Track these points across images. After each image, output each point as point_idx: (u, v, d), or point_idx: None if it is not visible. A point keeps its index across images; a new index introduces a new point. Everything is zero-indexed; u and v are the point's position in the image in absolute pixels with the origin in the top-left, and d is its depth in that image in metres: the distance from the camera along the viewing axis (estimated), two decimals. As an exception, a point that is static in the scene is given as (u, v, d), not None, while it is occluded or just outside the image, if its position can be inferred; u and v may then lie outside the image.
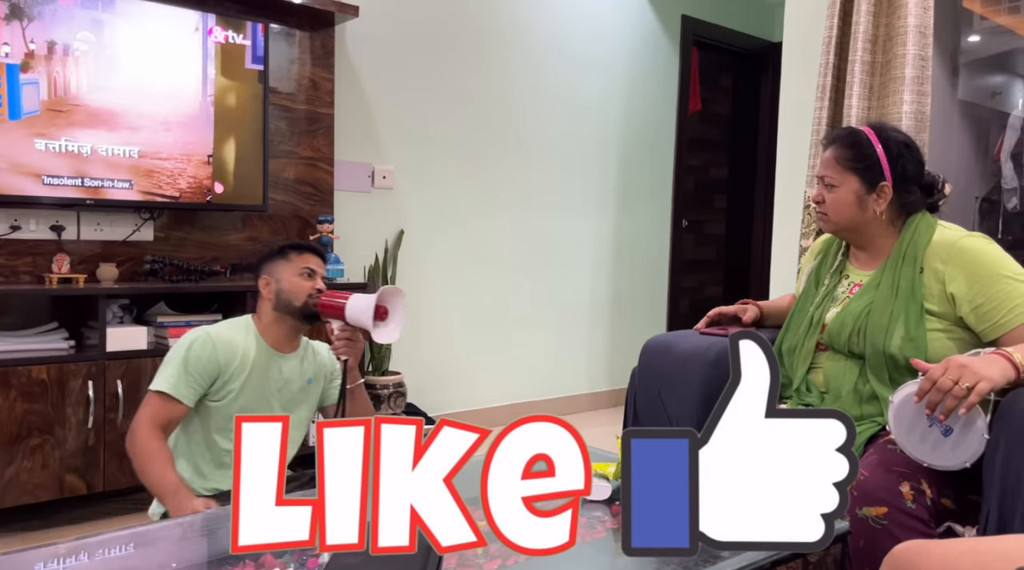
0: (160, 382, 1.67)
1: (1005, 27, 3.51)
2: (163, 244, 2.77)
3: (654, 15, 4.34)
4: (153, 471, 1.61)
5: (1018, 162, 3.23)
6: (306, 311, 1.76)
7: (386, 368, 3.23)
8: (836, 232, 1.72)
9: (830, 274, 1.75)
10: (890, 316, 1.55)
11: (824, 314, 1.69)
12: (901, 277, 1.57)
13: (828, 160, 1.66)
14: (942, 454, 1.37)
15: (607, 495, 1.38)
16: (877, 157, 1.61)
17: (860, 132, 1.66)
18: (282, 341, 1.80)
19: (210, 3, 2.80)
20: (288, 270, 1.78)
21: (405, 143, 3.42)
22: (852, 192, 1.63)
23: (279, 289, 1.77)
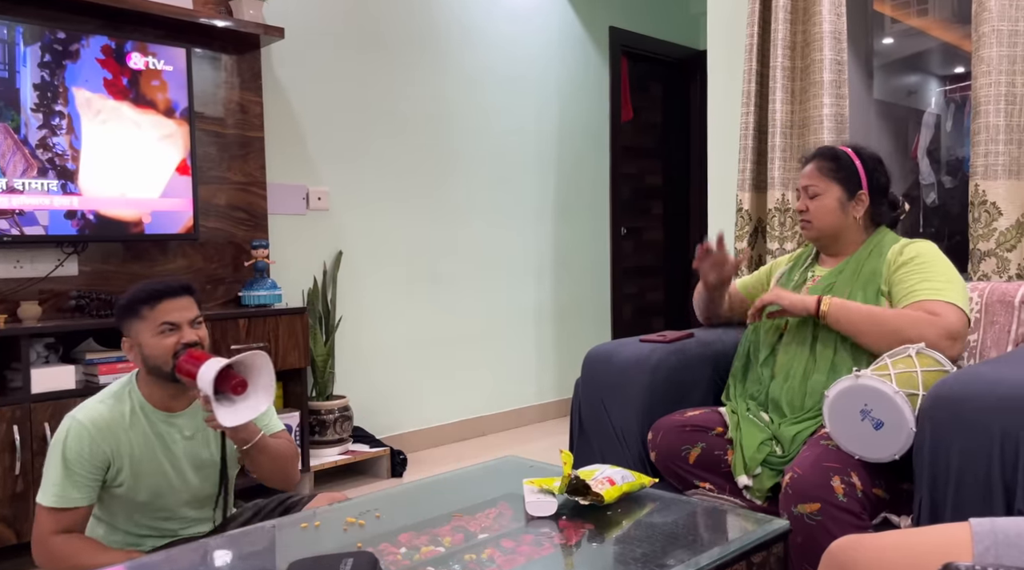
0: (45, 496, 1.49)
1: (917, 28, 3.67)
2: (90, 278, 2.67)
3: (582, 27, 4.40)
4: (92, 560, 1.43)
5: (934, 158, 3.37)
6: (178, 377, 1.54)
7: (330, 392, 3.17)
8: (817, 238, 1.87)
9: (800, 271, 1.92)
10: (848, 294, 1.73)
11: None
12: (865, 266, 1.76)
13: (812, 171, 1.85)
14: (873, 447, 1.41)
15: (553, 511, 1.38)
16: (856, 168, 1.83)
17: (838, 148, 1.88)
18: (169, 402, 1.60)
19: (128, 28, 2.73)
20: (145, 331, 1.53)
21: (339, 163, 3.38)
22: (835, 199, 1.81)
23: (143, 355, 1.54)
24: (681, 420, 1.77)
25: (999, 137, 2.22)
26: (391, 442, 3.46)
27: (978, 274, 2.26)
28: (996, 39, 2.21)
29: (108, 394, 1.61)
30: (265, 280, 2.92)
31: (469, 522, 1.38)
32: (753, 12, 2.73)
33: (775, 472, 1.58)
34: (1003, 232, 2.22)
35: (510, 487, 1.54)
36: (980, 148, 2.24)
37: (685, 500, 1.50)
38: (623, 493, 1.43)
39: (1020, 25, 2.21)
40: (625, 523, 1.38)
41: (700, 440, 1.72)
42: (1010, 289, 1.89)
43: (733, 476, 1.64)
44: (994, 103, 2.22)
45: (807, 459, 1.45)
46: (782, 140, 2.70)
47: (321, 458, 3.03)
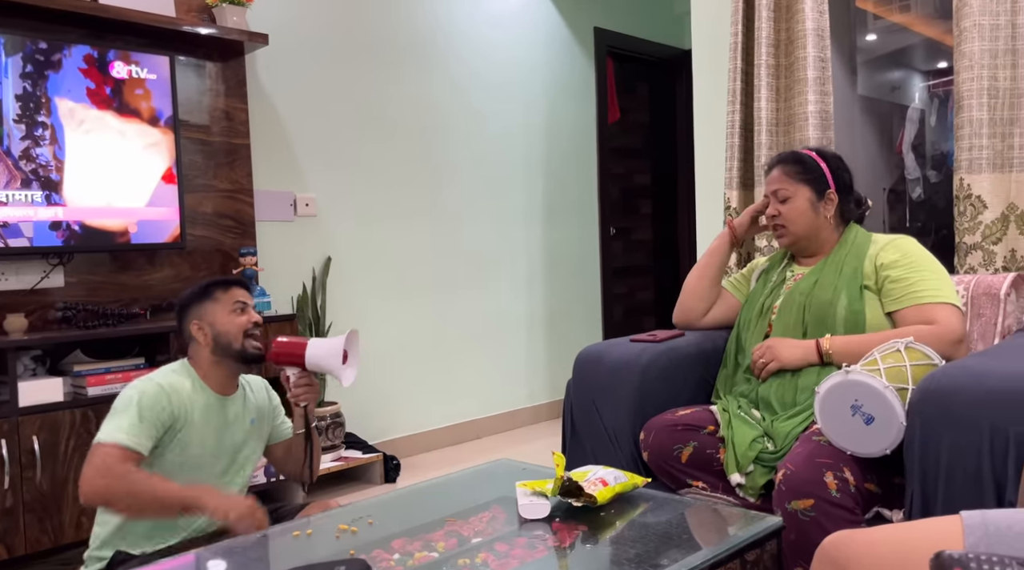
0: (114, 432, 1.53)
1: (899, 24, 3.69)
2: (76, 289, 2.65)
3: (567, 29, 4.40)
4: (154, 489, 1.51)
5: (919, 153, 3.39)
6: (246, 354, 1.70)
7: (322, 399, 3.16)
8: (793, 243, 1.89)
9: (778, 271, 1.93)
10: (833, 291, 1.74)
11: (773, 302, 1.87)
12: (845, 264, 1.77)
13: (778, 176, 1.87)
14: (865, 442, 1.42)
15: (546, 513, 1.38)
16: (821, 169, 1.85)
17: (800, 151, 1.90)
18: (224, 384, 1.73)
19: (110, 37, 2.71)
20: (219, 311, 1.71)
21: (326, 169, 3.37)
22: (806, 200, 1.83)
23: (215, 333, 1.69)
24: (673, 419, 1.77)
25: (982, 131, 2.23)
26: (384, 447, 3.44)
27: (964, 267, 2.27)
28: (978, 33, 2.23)
29: (168, 371, 1.70)
30: (254, 288, 2.90)
31: (462, 526, 1.38)
32: (737, 11, 2.74)
33: (767, 469, 1.58)
34: (988, 225, 2.23)
35: (503, 490, 1.54)
36: (964, 142, 2.26)
37: (678, 499, 1.50)
38: (616, 494, 1.43)
39: (1001, 19, 2.22)
40: (619, 524, 1.38)
41: (692, 439, 1.72)
42: (996, 281, 1.90)
43: (726, 474, 1.64)
44: (977, 97, 2.23)
45: (800, 455, 1.46)
46: (768, 137, 2.71)
47: (314, 465, 3.01)
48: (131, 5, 2.67)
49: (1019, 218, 2.20)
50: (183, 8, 2.88)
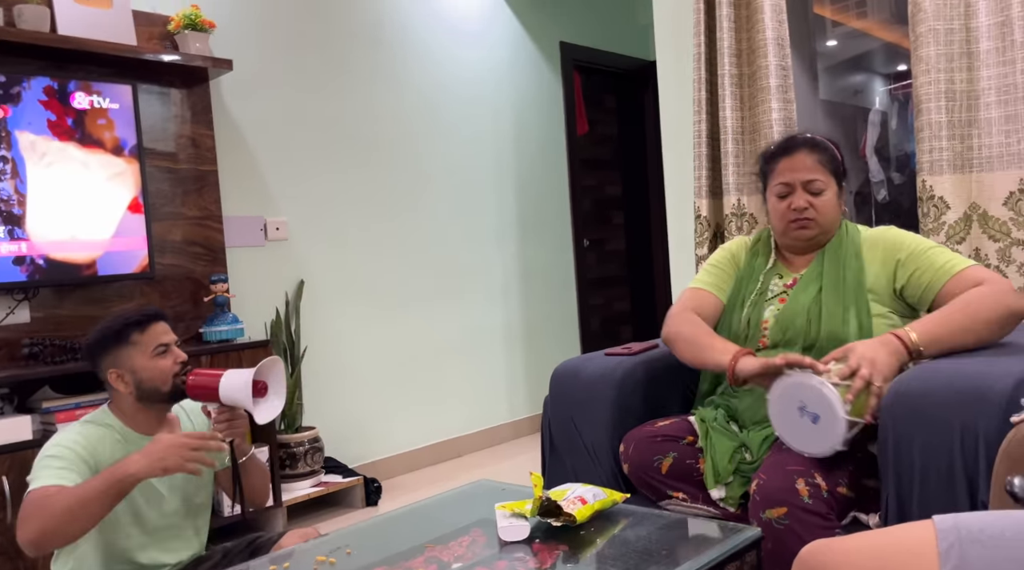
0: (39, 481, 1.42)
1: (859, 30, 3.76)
2: (43, 324, 2.60)
3: (533, 44, 4.43)
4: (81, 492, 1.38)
5: (882, 156, 3.44)
6: (176, 393, 1.58)
7: (299, 424, 3.13)
8: (817, 236, 1.71)
9: (763, 274, 1.78)
10: (843, 306, 1.62)
11: (762, 313, 1.72)
12: (847, 270, 1.65)
13: (813, 165, 1.68)
14: (815, 442, 1.43)
15: (525, 534, 1.37)
16: (840, 159, 1.72)
17: (820, 137, 1.73)
18: (154, 425, 1.62)
19: (72, 68, 2.68)
20: (138, 356, 1.55)
21: (296, 192, 3.35)
22: (835, 194, 1.70)
23: (138, 381, 1.55)
24: (652, 431, 1.76)
25: (942, 133, 2.27)
26: (365, 470, 3.41)
27: (931, 268, 2.30)
28: (933, 38, 2.27)
29: (83, 423, 1.58)
30: (226, 315, 2.87)
31: (442, 552, 1.36)
32: (699, 22, 2.77)
33: (746, 479, 1.59)
34: (952, 225, 2.26)
35: (483, 512, 1.52)
36: (924, 144, 2.29)
37: (657, 514, 1.50)
38: (595, 511, 1.42)
39: (955, 23, 2.27)
40: (599, 541, 1.37)
41: (671, 450, 1.72)
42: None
43: (705, 486, 1.64)
44: (935, 100, 2.27)
45: (771, 465, 1.46)
46: (734, 146, 2.74)
47: (293, 492, 2.98)
48: (91, 35, 2.64)
49: (981, 218, 2.24)
50: (144, 36, 2.86)
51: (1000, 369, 1.34)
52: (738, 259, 1.87)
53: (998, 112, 2.21)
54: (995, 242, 2.22)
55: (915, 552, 0.96)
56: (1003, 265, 2.20)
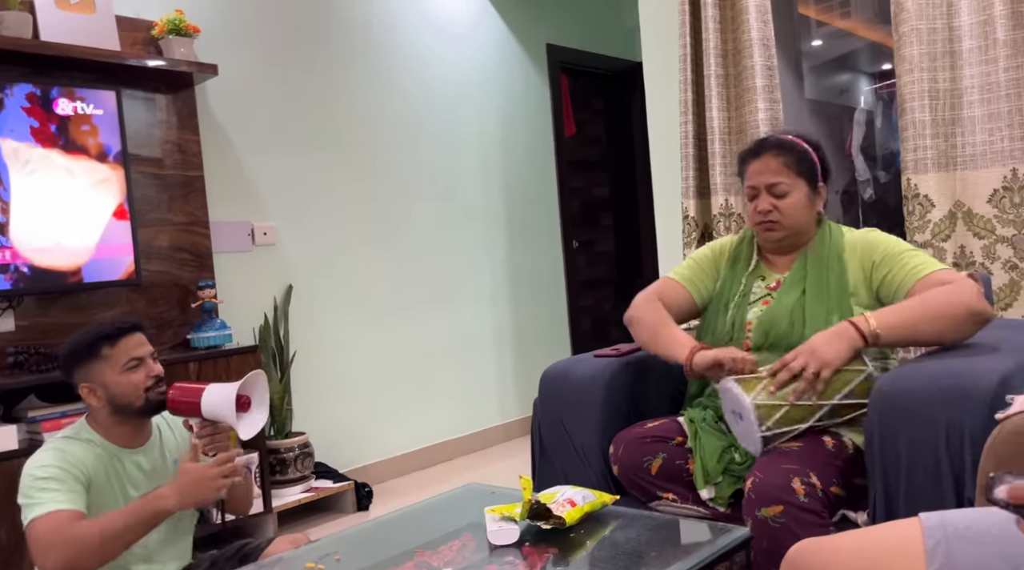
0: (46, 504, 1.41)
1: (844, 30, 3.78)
2: (28, 333, 2.58)
3: (519, 47, 4.43)
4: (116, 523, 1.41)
5: (868, 155, 3.46)
6: (150, 407, 1.56)
7: (289, 430, 3.11)
8: (784, 238, 1.72)
9: (746, 276, 1.78)
10: (827, 309, 1.63)
11: (745, 315, 1.73)
12: (830, 273, 1.66)
13: (778, 167, 1.69)
14: (747, 438, 1.54)
15: (515, 538, 1.36)
16: (813, 159, 1.71)
17: (789, 138, 1.74)
18: (131, 438, 1.60)
19: (56, 74, 2.66)
20: (109, 371, 1.52)
21: (284, 196, 3.34)
22: (804, 195, 1.70)
23: (110, 395, 1.53)
24: (641, 432, 1.76)
25: (926, 132, 2.28)
26: (355, 475, 3.40)
27: (917, 266, 2.31)
28: (916, 38, 2.28)
29: (64, 440, 1.56)
30: (214, 320, 2.86)
31: (432, 557, 1.36)
32: (684, 23, 2.78)
33: (735, 479, 1.59)
34: (937, 223, 2.28)
35: (472, 516, 1.52)
36: (909, 143, 2.31)
37: (647, 515, 1.50)
38: (585, 513, 1.42)
39: (938, 23, 2.29)
40: (589, 544, 1.37)
41: (661, 451, 1.72)
42: (949, 278, 1.93)
43: (695, 486, 1.64)
44: (919, 99, 2.29)
45: (766, 463, 1.46)
46: (721, 146, 2.75)
47: (283, 498, 2.97)
48: (74, 41, 2.62)
49: (966, 215, 2.25)
50: (128, 41, 2.84)
51: (985, 366, 1.35)
52: (720, 260, 1.88)
53: (981, 110, 2.22)
54: (980, 239, 2.23)
55: (902, 550, 0.97)
56: (988, 262, 2.22)
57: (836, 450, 1.50)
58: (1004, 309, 2.20)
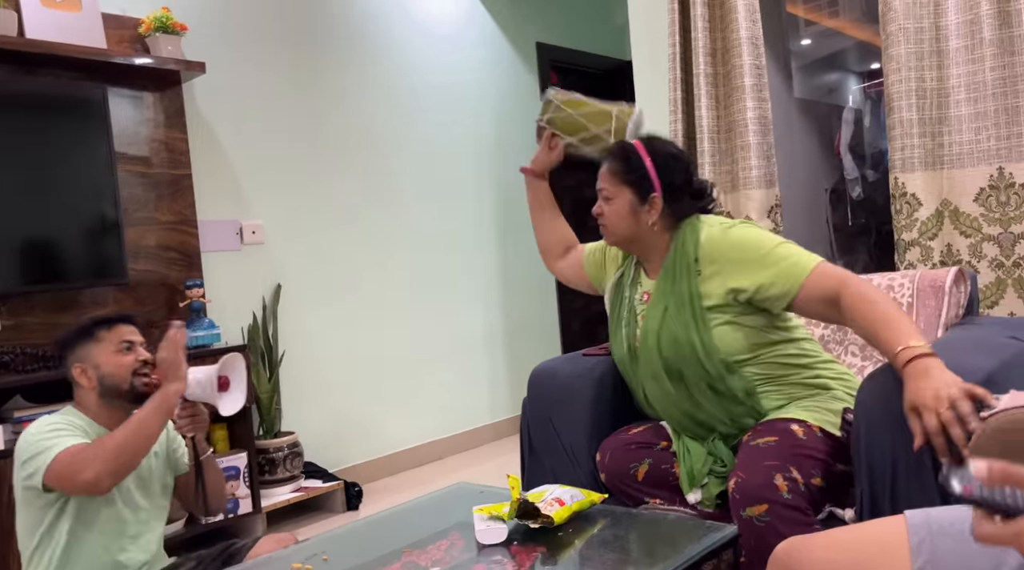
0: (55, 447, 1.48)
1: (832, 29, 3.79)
2: (13, 333, 2.56)
3: (509, 45, 4.42)
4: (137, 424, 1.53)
5: (857, 153, 3.47)
6: (136, 393, 1.62)
7: (278, 430, 3.10)
8: (616, 244, 1.78)
9: (628, 285, 1.79)
10: (685, 326, 1.60)
11: (633, 332, 1.73)
12: (681, 285, 1.62)
13: (604, 174, 1.75)
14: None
15: (503, 537, 1.36)
16: (646, 169, 1.68)
17: (631, 146, 1.73)
18: (116, 423, 1.63)
19: (41, 71, 2.64)
20: (103, 352, 1.61)
21: (272, 195, 3.32)
22: (627, 203, 1.69)
23: (100, 376, 1.61)
24: (627, 438, 1.77)
25: (913, 131, 2.29)
26: (345, 474, 3.39)
27: (904, 263, 2.32)
28: (903, 37, 2.29)
29: (50, 419, 1.60)
30: (202, 320, 2.84)
31: (420, 556, 1.35)
32: (673, 22, 2.78)
33: (721, 479, 1.59)
34: (924, 222, 2.29)
35: (461, 516, 1.52)
36: (896, 142, 2.32)
37: (635, 514, 1.50)
38: (573, 512, 1.42)
39: (925, 22, 2.29)
40: (577, 542, 1.37)
41: (647, 456, 1.72)
42: (939, 275, 1.94)
43: (682, 490, 1.64)
44: (906, 98, 2.30)
45: (746, 463, 1.47)
46: (710, 145, 2.75)
47: (272, 498, 2.96)
48: (61, 39, 2.60)
49: (952, 214, 2.26)
50: (115, 39, 2.82)
51: (971, 364, 1.35)
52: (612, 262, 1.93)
53: (968, 109, 2.23)
54: (966, 238, 2.24)
55: (887, 547, 0.97)
56: (975, 260, 2.23)
57: (808, 438, 1.49)
58: (990, 307, 2.21)
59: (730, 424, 1.62)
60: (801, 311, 1.57)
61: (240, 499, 2.79)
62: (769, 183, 2.68)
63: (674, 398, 1.65)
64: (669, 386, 1.65)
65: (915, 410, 1.23)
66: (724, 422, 1.62)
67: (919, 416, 1.22)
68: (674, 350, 1.61)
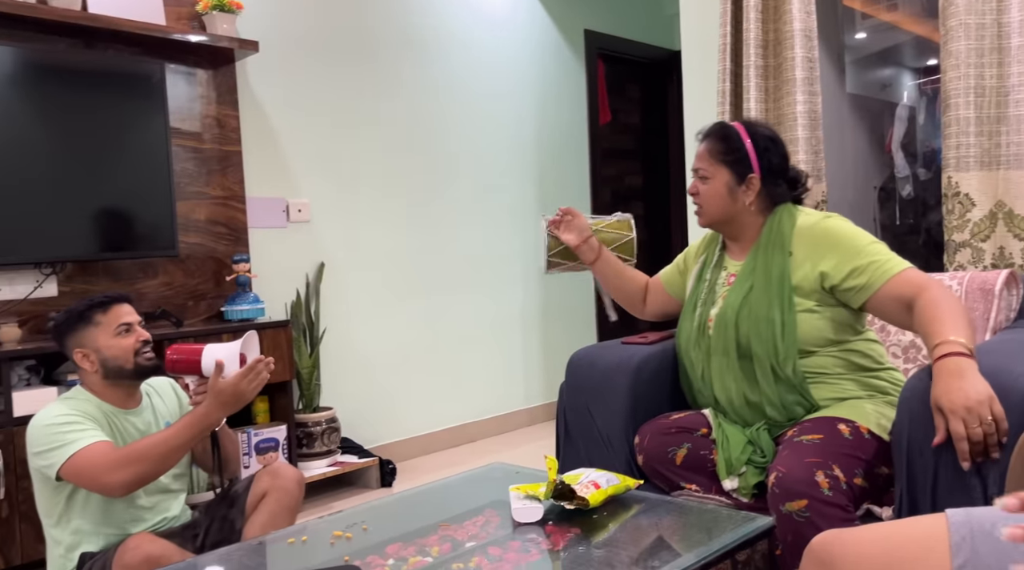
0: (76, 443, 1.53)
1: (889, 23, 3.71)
2: (69, 299, 2.65)
3: (557, 32, 4.41)
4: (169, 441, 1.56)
5: (908, 151, 3.40)
6: (140, 370, 1.66)
7: (317, 404, 3.16)
8: (710, 224, 1.78)
9: (711, 269, 1.81)
10: (768, 304, 1.62)
11: (709, 311, 1.75)
12: (773, 264, 1.64)
13: (702, 153, 1.74)
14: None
15: (539, 516, 1.38)
16: (746, 150, 1.70)
17: (730, 126, 1.74)
18: (125, 400, 1.71)
19: (101, 46, 2.71)
20: (102, 335, 1.65)
21: (319, 174, 3.38)
22: (724, 184, 1.70)
23: (103, 359, 1.65)
24: (667, 423, 1.78)
25: (970, 129, 2.24)
26: (380, 452, 3.45)
27: (954, 265, 2.28)
28: (964, 32, 2.24)
29: (63, 400, 1.65)
30: (247, 294, 2.91)
31: (456, 531, 1.38)
32: (725, 12, 2.75)
33: (760, 470, 1.59)
34: (976, 223, 2.24)
35: (496, 494, 1.54)
36: (951, 140, 2.27)
37: (670, 501, 1.51)
38: (608, 496, 1.43)
39: (987, 18, 2.24)
40: (611, 526, 1.39)
41: (686, 441, 1.73)
42: (989, 278, 1.91)
43: (719, 477, 1.65)
44: (964, 96, 2.25)
45: (788, 457, 1.46)
46: (758, 138, 2.72)
47: (309, 470, 3.02)
48: (121, 14, 2.67)
49: (1007, 216, 2.21)
50: (173, 16, 2.89)
51: (1016, 369, 1.33)
52: (690, 258, 1.95)
53: (1028, 109, 2.18)
54: (1020, 241, 2.19)
55: (927, 544, 0.97)
56: (1027, 264, 2.18)
57: (854, 438, 1.49)
58: (1042, 312, 2.16)
59: (781, 410, 1.63)
60: (876, 310, 1.58)
61: (278, 470, 2.85)
62: (816, 178, 2.64)
63: (736, 375, 1.67)
64: (736, 363, 1.66)
65: (941, 411, 1.25)
66: (776, 406, 1.63)
67: (944, 417, 1.25)
68: (751, 327, 1.62)
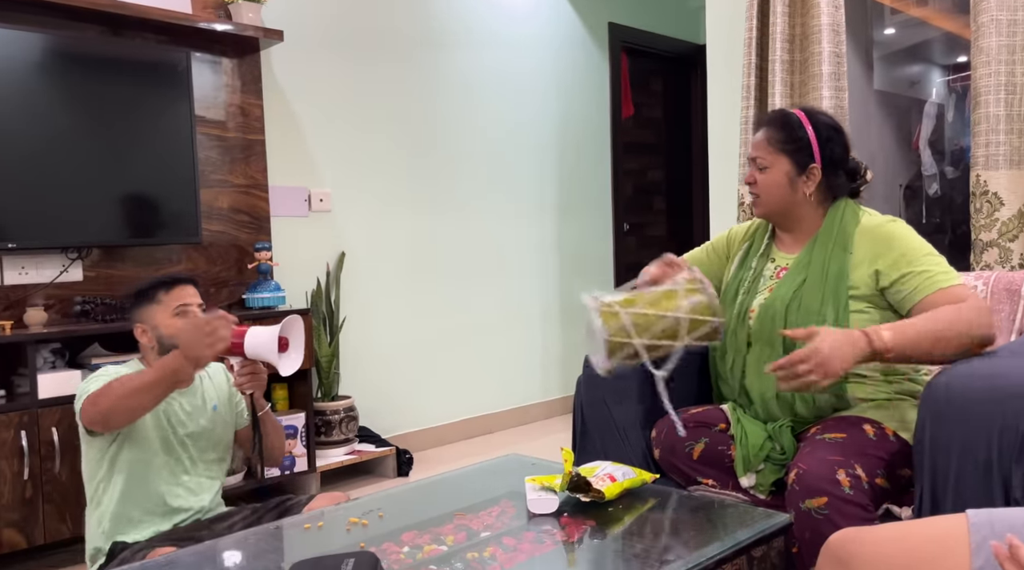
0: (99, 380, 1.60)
1: (918, 19, 3.65)
2: (94, 284, 2.69)
3: (581, 24, 4.39)
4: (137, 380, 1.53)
5: (936, 149, 3.35)
6: None
7: (335, 393, 3.19)
8: (767, 215, 1.73)
9: (757, 257, 1.77)
10: (821, 300, 1.58)
11: (752, 300, 1.71)
12: (831, 260, 1.60)
13: (760, 142, 1.69)
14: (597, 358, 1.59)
15: (554, 508, 1.38)
16: (808, 139, 1.65)
17: (792, 114, 1.69)
18: None
19: (128, 34, 2.74)
20: (160, 314, 1.70)
21: (341, 164, 3.39)
22: (783, 173, 1.65)
23: (158, 336, 1.70)
24: (685, 417, 1.76)
25: (999, 127, 2.21)
26: (397, 441, 3.47)
27: (980, 264, 2.25)
28: (995, 28, 2.20)
29: (118, 367, 1.72)
30: (269, 282, 2.93)
31: (471, 520, 1.39)
32: (752, 6, 2.72)
33: (778, 466, 1.58)
34: (1005, 222, 2.21)
35: (512, 485, 1.55)
36: (981, 138, 2.24)
37: (686, 495, 1.51)
38: (624, 489, 1.43)
39: (1019, 15, 2.20)
40: (626, 519, 1.39)
41: (704, 435, 1.72)
42: (1016, 278, 1.88)
43: (736, 473, 1.64)
44: (994, 93, 2.21)
45: (809, 455, 1.45)
46: (782, 133, 2.69)
47: (327, 458, 3.05)
48: (148, 2, 2.69)
49: (1036, 215, 2.18)
50: (199, 5, 2.91)
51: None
52: (732, 245, 1.88)
53: (1060, 107, 2.14)
54: (1049, 241, 2.16)
55: (946, 545, 0.96)
56: (1056, 265, 2.14)
57: (878, 439, 1.48)
58: (1069, 314, 2.12)
59: (812, 407, 1.61)
60: None
61: (296, 457, 2.88)
62: (842, 175, 2.61)
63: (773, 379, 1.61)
64: (779, 355, 1.57)
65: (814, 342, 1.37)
66: (807, 402, 1.61)
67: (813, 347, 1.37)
68: (800, 320, 1.58)
